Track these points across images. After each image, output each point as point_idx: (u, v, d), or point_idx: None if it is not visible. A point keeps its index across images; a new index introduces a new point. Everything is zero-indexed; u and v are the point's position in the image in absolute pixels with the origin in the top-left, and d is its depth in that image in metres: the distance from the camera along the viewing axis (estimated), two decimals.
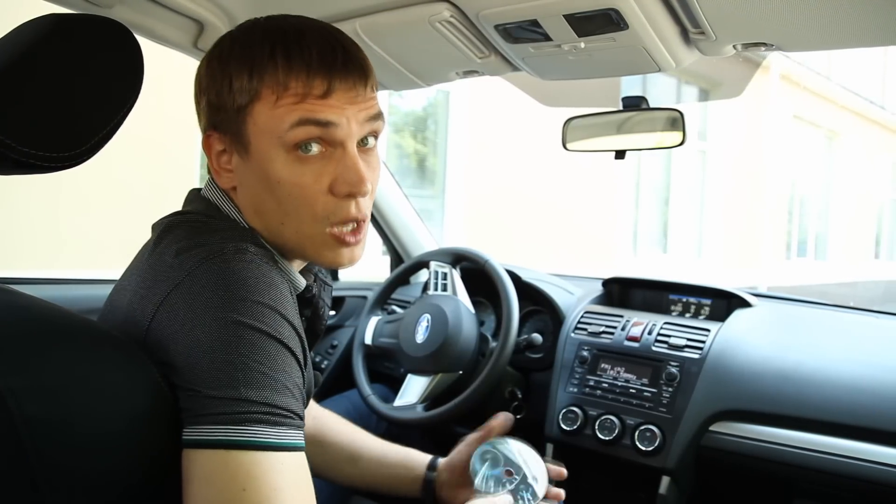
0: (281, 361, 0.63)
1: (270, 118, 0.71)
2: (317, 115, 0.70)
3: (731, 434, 1.26)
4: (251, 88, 0.71)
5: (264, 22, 0.75)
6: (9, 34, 0.61)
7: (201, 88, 0.76)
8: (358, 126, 0.73)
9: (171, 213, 0.78)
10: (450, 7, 0.98)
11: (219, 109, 0.74)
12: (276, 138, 0.71)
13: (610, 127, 1.31)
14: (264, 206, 0.74)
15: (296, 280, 0.80)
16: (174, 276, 0.65)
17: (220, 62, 0.74)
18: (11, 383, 0.53)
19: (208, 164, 0.78)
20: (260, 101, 0.71)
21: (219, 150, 0.76)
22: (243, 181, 0.75)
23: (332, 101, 0.71)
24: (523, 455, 1.00)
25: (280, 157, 0.71)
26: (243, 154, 0.74)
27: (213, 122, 0.75)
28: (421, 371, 1.50)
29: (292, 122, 0.70)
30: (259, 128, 0.72)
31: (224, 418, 0.59)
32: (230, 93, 0.72)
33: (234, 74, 0.72)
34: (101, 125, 0.63)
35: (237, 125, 0.73)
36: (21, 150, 0.57)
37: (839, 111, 9.73)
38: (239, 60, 0.72)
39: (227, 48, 0.74)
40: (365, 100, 0.74)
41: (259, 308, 0.63)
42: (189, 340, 0.62)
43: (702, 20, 0.92)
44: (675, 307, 1.61)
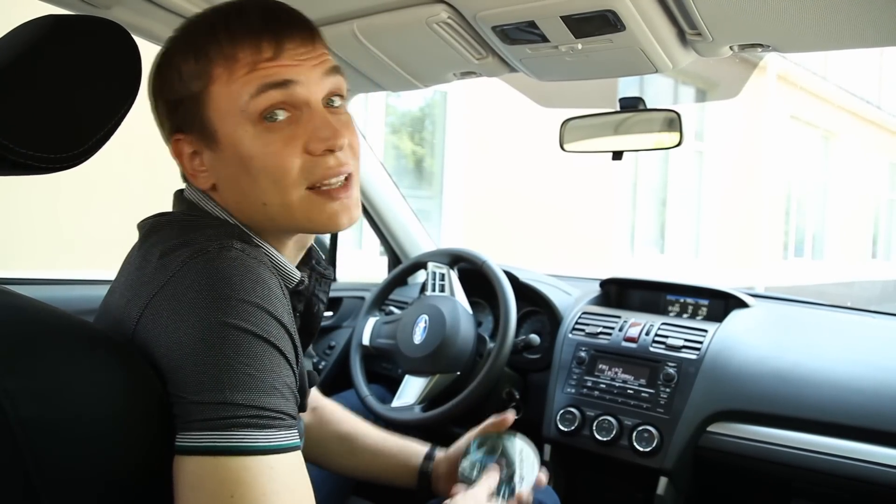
0: (268, 361, 0.62)
1: (228, 95, 0.69)
2: (273, 77, 0.69)
3: (728, 434, 1.26)
4: (200, 71, 0.70)
5: (204, 11, 0.75)
6: (7, 35, 0.61)
7: (156, 92, 0.75)
8: (317, 82, 0.72)
9: (155, 214, 0.77)
10: (447, 8, 0.98)
11: (176, 106, 0.72)
12: (240, 113, 0.69)
13: (607, 128, 1.31)
14: (245, 192, 0.72)
15: (290, 272, 0.77)
16: (159, 277, 0.64)
17: (166, 58, 0.73)
18: (6, 384, 0.53)
19: (181, 170, 0.76)
20: (214, 83, 0.70)
21: (189, 152, 0.74)
22: (220, 175, 0.74)
23: (285, 60, 0.69)
24: (522, 455, 0.99)
25: (248, 132, 0.70)
26: (213, 146, 0.72)
27: (175, 123, 0.74)
28: (418, 372, 1.50)
29: (251, 93, 0.68)
30: (221, 110, 0.70)
31: (211, 424, 0.58)
32: (181, 83, 0.71)
33: (181, 63, 0.71)
34: (99, 126, 0.63)
35: (198, 116, 0.71)
36: (19, 152, 0.57)
37: (836, 111, 9.75)
38: (182, 49, 0.71)
39: (170, 43, 0.73)
40: (317, 55, 0.72)
41: (244, 307, 0.62)
42: (172, 343, 0.61)
43: (698, 21, 0.92)
44: (672, 308, 1.62)
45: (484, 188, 5.52)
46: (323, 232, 0.79)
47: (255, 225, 0.75)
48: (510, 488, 0.94)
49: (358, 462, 1.10)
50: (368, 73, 1.24)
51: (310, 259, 0.85)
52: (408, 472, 1.07)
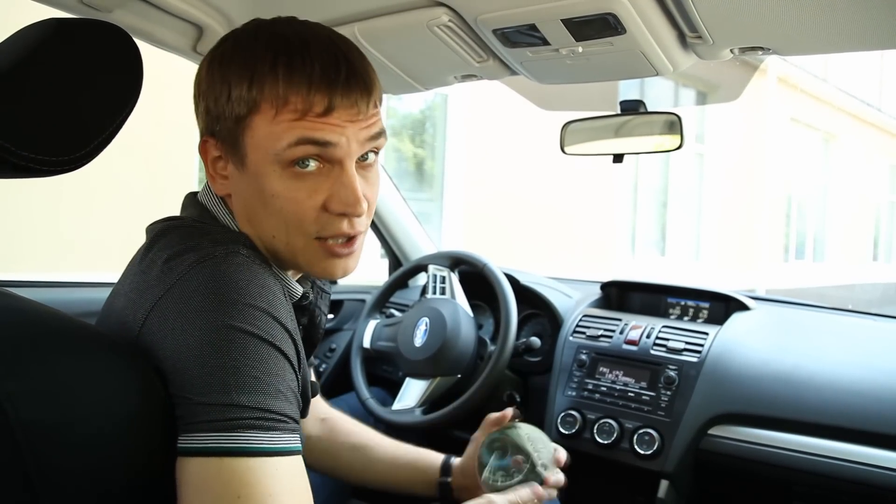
0: (273, 365, 0.63)
1: (268, 134, 0.69)
2: (315, 134, 0.68)
3: (729, 437, 1.26)
4: (250, 99, 0.69)
5: (268, 26, 0.73)
6: (9, 38, 0.61)
7: (200, 92, 0.74)
8: (358, 145, 0.71)
9: (164, 218, 0.77)
10: (448, 12, 0.99)
11: (217, 117, 0.72)
12: (273, 154, 0.69)
13: (608, 130, 1.31)
14: (257, 216, 0.73)
15: (292, 287, 0.78)
16: (165, 280, 0.65)
17: (221, 67, 0.72)
18: (8, 387, 0.53)
19: (205, 168, 0.77)
20: (258, 114, 0.69)
21: (215, 155, 0.75)
22: (237, 190, 0.74)
23: (333, 120, 0.69)
24: (533, 441, 0.98)
25: (276, 172, 0.70)
26: (238, 164, 0.72)
27: (210, 128, 0.74)
28: (419, 375, 1.50)
29: (290, 142, 0.68)
30: (256, 141, 0.70)
31: (216, 425, 0.59)
32: (229, 101, 0.70)
33: (234, 82, 0.70)
34: (100, 129, 0.63)
35: (234, 135, 0.71)
36: (20, 154, 0.57)
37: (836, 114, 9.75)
38: (240, 67, 0.70)
39: (229, 52, 0.72)
40: (367, 118, 0.72)
41: (250, 311, 0.62)
42: (179, 345, 0.61)
43: (699, 25, 0.92)
44: (673, 310, 1.62)
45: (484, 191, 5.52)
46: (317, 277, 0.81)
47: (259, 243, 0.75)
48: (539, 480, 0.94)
49: (374, 472, 1.09)
50: None
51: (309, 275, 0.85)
52: (426, 482, 1.06)
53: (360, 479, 1.11)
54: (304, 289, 0.80)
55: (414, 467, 1.08)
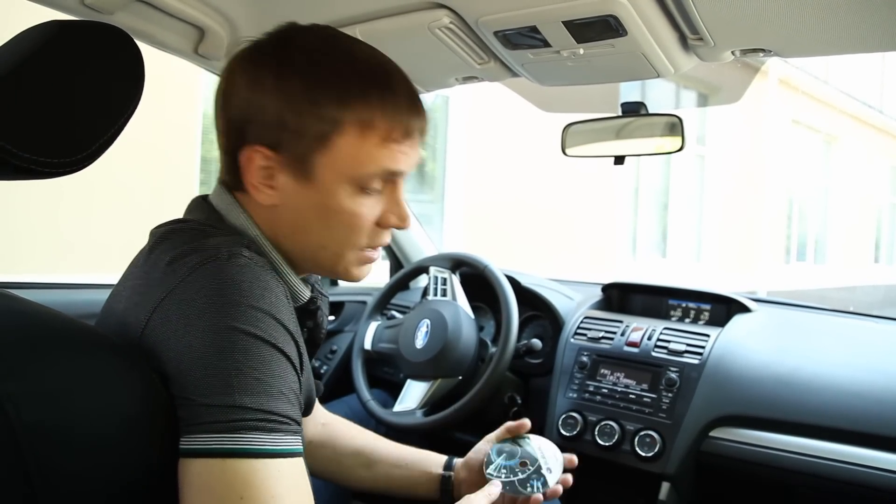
0: (276, 366, 0.63)
1: (349, 157, 0.71)
2: (393, 165, 0.73)
3: (730, 440, 1.26)
4: (337, 119, 0.70)
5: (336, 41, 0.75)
6: (11, 40, 0.61)
7: (260, 98, 0.71)
8: (412, 164, 0.77)
9: (169, 221, 0.77)
10: (449, 13, 0.99)
11: (284, 127, 0.71)
12: (350, 176, 0.72)
13: (609, 132, 1.31)
14: (308, 228, 0.75)
15: (300, 291, 0.80)
16: (168, 281, 0.65)
17: (304, 83, 0.71)
18: (9, 388, 0.53)
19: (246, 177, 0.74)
20: (342, 135, 0.71)
21: (262, 165, 0.72)
22: (290, 202, 0.74)
23: (405, 148, 0.74)
24: (542, 450, 1.01)
25: (346, 191, 0.73)
26: (300, 178, 0.72)
27: (267, 137, 0.71)
28: (420, 376, 1.50)
29: (374, 171, 0.73)
30: (333, 161, 0.71)
31: (219, 426, 0.59)
32: (312, 115, 0.70)
33: (323, 100, 0.70)
34: (102, 131, 0.63)
35: (305, 151, 0.71)
36: (22, 156, 0.57)
37: (837, 115, 9.75)
38: (328, 86, 0.71)
39: (308, 67, 0.71)
40: (418, 136, 0.76)
41: (253, 312, 0.63)
42: (181, 347, 0.61)
43: (700, 27, 0.92)
44: (674, 312, 1.61)
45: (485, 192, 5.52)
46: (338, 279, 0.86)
47: (287, 249, 0.77)
48: (541, 481, 0.95)
49: (376, 476, 1.09)
50: None
51: (310, 277, 0.87)
52: (428, 484, 1.06)
53: (363, 484, 1.10)
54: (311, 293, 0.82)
55: (416, 469, 1.08)
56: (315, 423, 1.10)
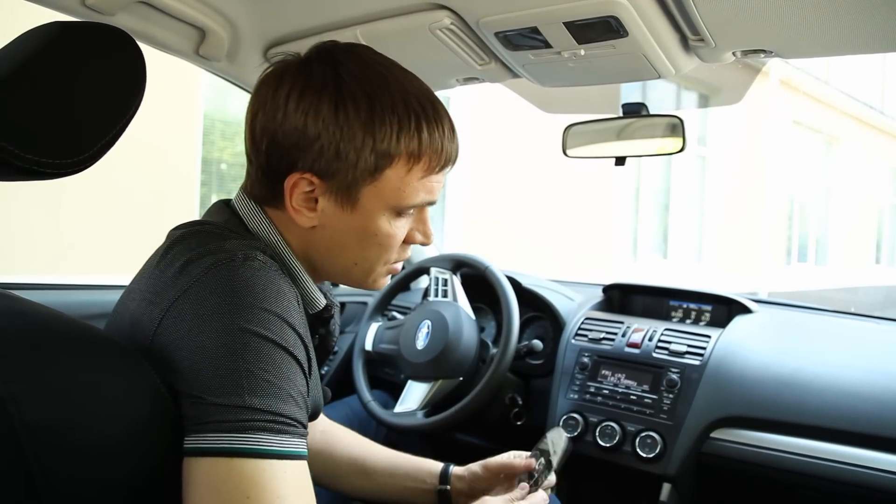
0: (286, 369, 0.64)
1: (395, 189, 0.75)
2: (433, 196, 0.79)
3: (732, 441, 1.25)
4: (392, 153, 0.74)
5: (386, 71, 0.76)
6: (13, 42, 0.62)
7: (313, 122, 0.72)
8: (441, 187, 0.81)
9: (186, 223, 0.78)
10: (450, 14, 0.99)
11: (339, 159, 0.72)
12: (391, 204, 0.76)
13: (610, 133, 1.31)
14: (345, 248, 0.78)
15: (317, 298, 0.82)
16: (182, 282, 0.66)
17: (363, 114, 0.72)
18: (12, 389, 0.53)
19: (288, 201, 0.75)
20: (392, 168, 0.74)
21: (306, 190, 0.74)
22: (329, 224, 0.77)
23: (441, 177, 0.79)
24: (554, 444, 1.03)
25: (385, 216, 0.77)
26: (344, 205, 0.75)
27: (319, 166, 0.73)
28: (421, 377, 1.50)
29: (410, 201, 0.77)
30: (379, 191, 0.75)
31: (228, 426, 0.59)
32: (370, 151, 0.73)
33: (380, 134, 0.73)
34: (103, 132, 0.63)
35: (352, 180, 0.74)
36: (24, 157, 0.57)
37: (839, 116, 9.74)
38: (386, 121, 0.73)
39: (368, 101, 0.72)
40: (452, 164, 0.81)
41: (265, 315, 0.63)
42: (194, 346, 0.62)
43: (701, 27, 0.92)
44: (675, 313, 1.61)
45: (486, 193, 5.52)
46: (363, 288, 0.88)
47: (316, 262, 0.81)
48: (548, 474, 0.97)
49: (372, 484, 1.09)
50: None
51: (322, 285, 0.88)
52: (424, 492, 1.06)
53: (359, 491, 1.10)
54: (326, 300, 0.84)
55: (412, 477, 1.08)
56: (314, 429, 1.11)
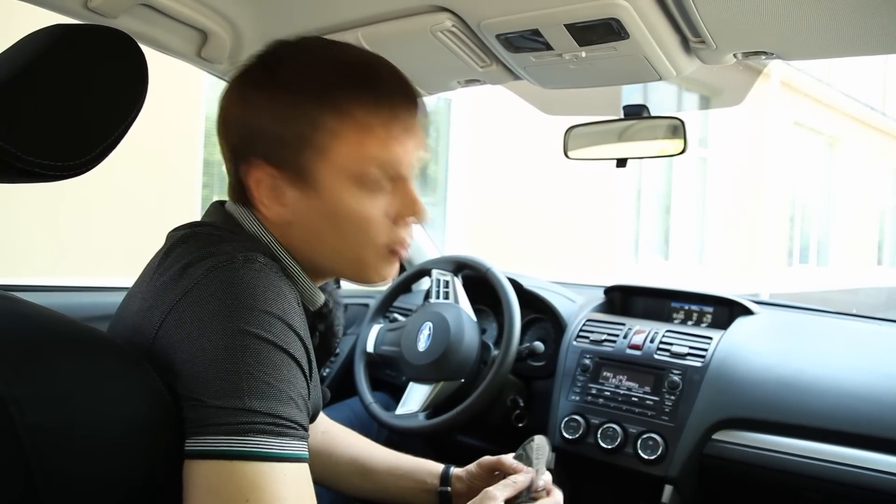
0: (286, 372, 0.63)
1: (348, 158, 0.72)
2: (392, 158, 0.74)
3: (733, 442, 1.25)
4: (332, 128, 0.72)
5: (323, 50, 0.75)
6: (15, 44, 0.62)
7: (251, 115, 0.74)
8: (415, 160, 0.77)
9: (185, 224, 0.78)
10: (451, 17, 0.99)
11: (280, 142, 0.72)
12: (351, 177, 0.73)
13: (611, 135, 1.31)
14: (323, 238, 0.76)
15: (315, 296, 0.81)
16: (183, 284, 0.65)
17: (290, 94, 0.72)
18: (14, 391, 0.53)
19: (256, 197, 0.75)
20: (340, 140, 0.72)
21: (269, 185, 0.74)
22: (301, 216, 0.75)
23: (407, 143, 0.75)
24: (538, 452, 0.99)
25: (351, 192, 0.73)
26: (306, 190, 0.74)
27: (263, 152, 0.73)
28: (423, 379, 1.50)
29: (373, 167, 0.73)
30: (334, 166, 0.72)
31: (228, 428, 0.59)
32: (308, 127, 0.72)
33: (315, 112, 0.72)
34: (106, 134, 0.63)
35: (303, 161, 0.72)
36: (26, 159, 0.58)
37: (840, 118, 9.74)
38: (318, 97, 0.72)
39: (296, 79, 0.73)
40: (420, 133, 0.77)
41: (266, 318, 0.63)
42: (194, 349, 0.62)
43: (702, 29, 0.92)
44: (677, 315, 1.61)
45: (488, 195, 5.52)
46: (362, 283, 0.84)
47: (304, 258, 0.78)
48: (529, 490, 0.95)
49: (373, 485, 1.09)
50: None
51: (326, 286, 0.87)
52: (425, 493, 1.06)
53: (360, 492, 1.10)
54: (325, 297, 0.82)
55: (412, 478, 1.08)
56: (315, 430, 1.10)
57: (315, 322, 0.82)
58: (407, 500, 1.07)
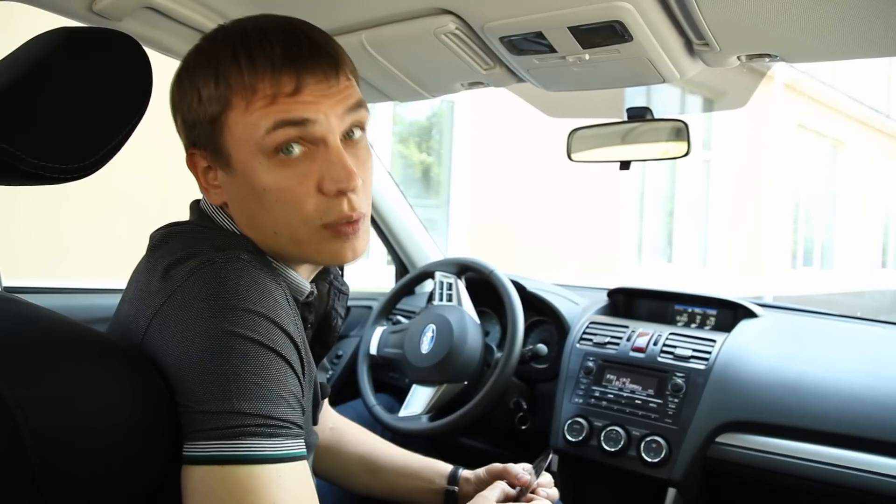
0: (275, 371, 0.62)
1: (244, 126, 0.68)
2: (291, 114, 0.67)
3: (737, 445, 1.25)
4: (219, 96, 0.68)
5: (228, 27, 0.72)
6: (20, 48, 0.62)
7: (175, 106, 0.74)
8: (337, 119, 0.70)
9: (166, 224, 0.77)
10: (455, 19, 0.99)
11: (194, 125, 0.72)
12: (254, 145, 0.68)
13: (614, 137, 1.31)
14: (256, 218, 0.72)
15: (299, 284, 0.77)
16: (166, 287, 0.65)
17: (187, 74, 0.71)
18: (17, 394, 0.53)
19: (199, 182, 0.76)
20: (231, 109, 0.68)
21: (203, 166, 0.74)
22: (232, 196, 0.74)
23: (305, 97, 0.68)
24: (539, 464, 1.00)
25: (262, 164, 0.69)
26: (226, 168, 0.72)
27: (191, 138, 0.73)
28: (426, 381, 1.50)
29: (267, 127, 0.67)
30: (235, 138, 0.69)
31: (218, 433, 0.59)
32: (200, 104, 0.70)
33: (201, 85, 0.69)
34: (110, 136, 0.64)
35: (214, 138, 0.71)
36: (31, 162, 0.58)
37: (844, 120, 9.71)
38: (204, 69, 0.70)
39: (192, 59, 0.72)
40: (340, 90, 0.70)
41: (251, 317, 0.62)
42: (180, 353, 0.61)
43: (706, 32, 0.92)
44: (680, 317, 1.61)
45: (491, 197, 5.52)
46: (328, 264, 0.80)
47: (264, 245, 0.74)
48: None
49: (381, 483, 1.08)
50: (376, 83, 1.24)
51: (328, 274, 0.85)
52: (432, 493, 1.05)
53: (367, 489, 1.10)
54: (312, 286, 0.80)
55: (421, 477, 1.07)
56: (323, 426, 1.10)
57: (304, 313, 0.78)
58: (414, 499, 1.07)
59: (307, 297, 0.79)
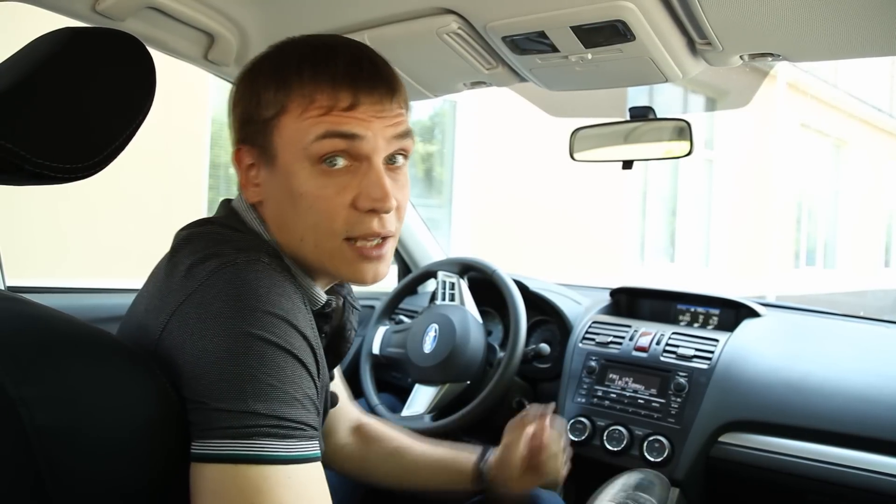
0: (291, 373, 0.63)
1: (296, 130, 0.71)
2: (342, 127, 0.70)
3: (739, 445, 1.25)
4: (277, 101, 0.72)
5: (298, 39, 0.77)
6: (24, 48, 0.62)
7: (233, 104, 0.78)
8: (385, 142, 0.73)
9: (191, 223, 0.78)
10: (458, 19, 0.99)
11: (247, 122, 0.75)
12: (302, 150, 0.71)
13: (617, 137, 1.31)
14: (287, 220, 0.75)
15: (316, 295, 0.79)
16: (187, 285, 0.65)
17: (251, 78, 0.76)
18: (23, 393, 0.53)
19: (238, 177, 0.78)
20: (286, 114, 0.72)
21: (248, 163, 0.77)
22: (269, 195, 0.76)
23: (358, 114, 0.71)
24: None
25: (305, 169, 0.72)
26: (270, 166, 0.74)
27: (242, 135, 0.77)
28: (428, 381, 1.50)
29: (317, 135, 0.70)
30: (285, 140, 0.72)
31: (232, 432, 0.59)
32: (258, 106, 0.74)
33: (262, 89, 0.73)
34: (114, 136, 0.64)
35: (264, 136, 0.74)
36: (36, 161, 0.58)
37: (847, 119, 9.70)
38: (267, 75, 0.74)
39: (258, 65, 0.76)
40: (392, 116, 0.74)
41: (269, 319, 0.63)
42: (197, 351, 0.62)
43: (708, 31, 0.92)
44: (683, 317, 1.61)
45: (493, 197, 5.52)
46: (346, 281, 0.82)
47: (288, 250, 0.76)
48: None
49: (412, 477, 1.08)
50: None
51: (342, 288, 0.87)
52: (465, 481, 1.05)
53: (399, 485, 1.10)
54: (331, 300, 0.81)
55: (452, 467, 1.07)
56: (347, 426, 1.11)
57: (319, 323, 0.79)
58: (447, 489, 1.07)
59: (324, 307, 0.81)
